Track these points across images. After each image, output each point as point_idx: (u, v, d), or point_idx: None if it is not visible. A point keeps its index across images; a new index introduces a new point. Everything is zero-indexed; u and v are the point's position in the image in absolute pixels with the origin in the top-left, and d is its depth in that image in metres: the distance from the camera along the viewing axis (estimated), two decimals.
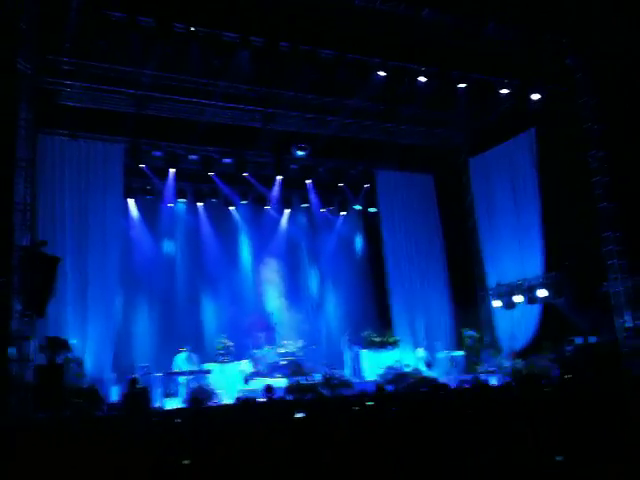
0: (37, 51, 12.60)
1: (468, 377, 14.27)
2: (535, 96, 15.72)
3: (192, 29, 12.91)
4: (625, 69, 13.56)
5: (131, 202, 16.75)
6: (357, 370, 15.94)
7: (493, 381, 14.37)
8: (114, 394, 13.01)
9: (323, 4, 12.64)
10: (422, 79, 15.03)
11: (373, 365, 15.83)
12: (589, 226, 14.75)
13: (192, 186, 17.77)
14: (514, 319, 16.70)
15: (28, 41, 11.95)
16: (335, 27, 13.25)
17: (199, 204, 17.93)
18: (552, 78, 15.60)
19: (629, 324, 13.96)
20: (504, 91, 15.80)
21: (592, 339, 14.36)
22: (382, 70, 14.68)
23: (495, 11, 13.58)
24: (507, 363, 15.42)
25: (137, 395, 11.53)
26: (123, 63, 13.77)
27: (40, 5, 11.66)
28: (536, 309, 16.07)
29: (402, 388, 13.62)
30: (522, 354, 15.62)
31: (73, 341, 12.79)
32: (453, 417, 9.77)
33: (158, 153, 16.56)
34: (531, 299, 15.89)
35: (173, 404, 12.73)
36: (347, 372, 15.76)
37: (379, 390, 10.96)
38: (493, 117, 17.24)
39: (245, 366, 14.86)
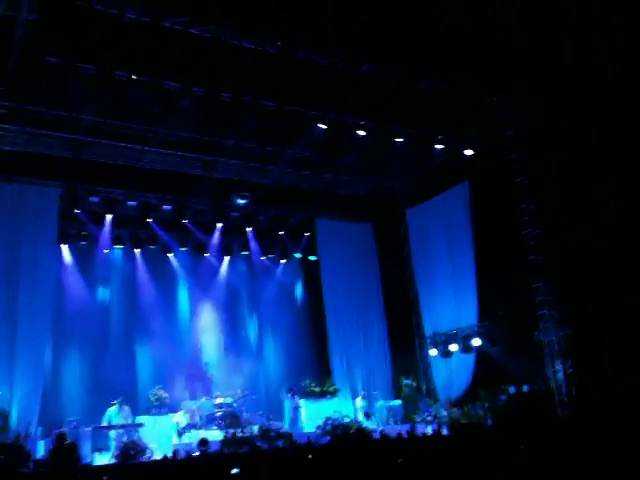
0: None
1: (405, 427, 14.30)
2: (468, 152, 16.26)
3: (133, 77, 12.87)
4: (554, 124, 14.23)
5: (65, 248, 16.37)
6: (295, 421, 15.74)
7: (429, 430, 14.45)
8: (41, 449, 12.43)
9: (265, 57, 12.88)
10: (361, 133, 15.36)
11: (312, 415, 15.68)
12: (521, 277, 15.13)
13: (130, 232, 17.46)
14: (450, 368, 16.89)
15: None
16: (277, 79, 13.49)
17: (136, 250, 17.62)
18: (484, 133, 16.21)
19: (560, 373, 14.29)
20: (439, 146, 16.32)
21: (525, 388, 14.67)
22: (322, 122, 14.94)
23: (430, 68, 14.09)
24: (444, 412, 15.54)
25: (65, 450, 11.01)
26: (61, 107, 13.56)
27: None
28: (471, 358, 16.32)
29: (339, 439, 13.50)
30: (458, 403, 15.79)
31: None
32: (386, 467, 9.81)
33: (95, 198, 16.22)
34: (466, 348, 16.15)
35: (103, 460, 12.24)
36: (286, 423, 15.53)
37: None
38: (429, 169, 17.73)
39: (180, 418, 14.44)
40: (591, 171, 13.57)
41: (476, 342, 15.95)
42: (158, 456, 12.32)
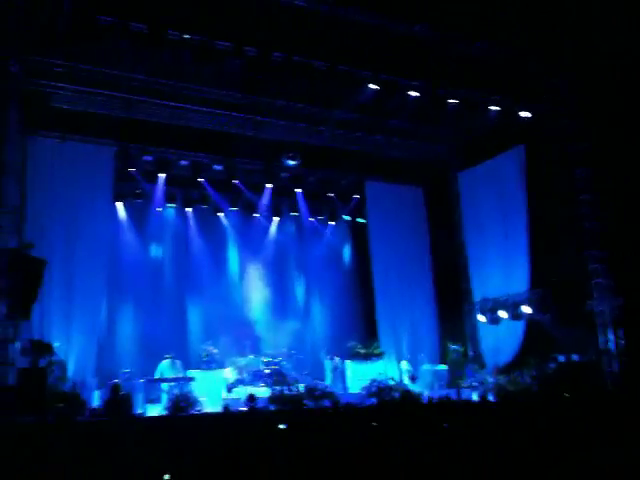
0: (28, 53, 12.56)
1: (451, 392, 14.33)
2: (524, 114, 15.83)
3: (185, 36, 12.90)
4: (611, 87, 13.73)
5: (120, 206, 16.72)
6: (335, 381, 15.95)
7: (475, 397, 14.44)
8: (96, 399, 12.95)
9: (317, 17, 12.72)
10: (413, 93, 15.10)
11: (358, 377, 15.86)
12: (575, 244, 14.85)
13: (182, 191, 17.72)
14: (498, 334, 16.73)
15: (19, 43, 11.88)
16: (328, 39, 13.30)
17: (188, 209, 17.88)
18: (540, 96, 15.74)
19: (611, 344, 14.04)
20: (493, 108, 15.92)
21: (575, 357, 14.47)
22: (373, 83, 14.73)
23: (486, 30, 13.69)
24: (490, 379, 15.48)
25: (119, 401, 11.48)
26: (114, 67, 13.72)
27: (31, 8, 11.60)
28: (520, 325, 16.12)
29: (385, 401, 13.65)
30: (505, 370, 15.68)
31: (57, 344, 12.73)
32: (430, 431, 9.86)
33: (148, 158, 16.54)
34: (515, 315, 15.95)
35: (155, 411, 12.68)
36: (328, 383, 15.75)
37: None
38: (482, 132, 17.30)
39: (229, 374, 14.81)
40: None
41: (526, 309, 15.74)
42: (208, 409, 12.76)
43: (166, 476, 7.28)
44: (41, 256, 12.25)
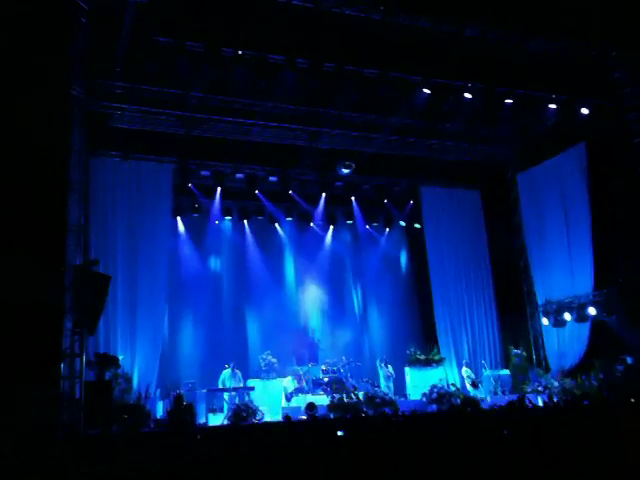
0: (89, 75, 13.04)
1: (514, 397, 14.01)
2: (584, 110, 15.44)
3: (239, 52, 13.17)
4: None
5: (179, 220, 17.13)
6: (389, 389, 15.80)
7: (540, 401, 14.10)
8: (160, 410, 13.29)
9: (366, 24, 12.74)
10: (467, 95, 14.93)
11: (418, 384, 15.75)
12: None
13: (238, 204, 18.04)
14: (563, 337, 16.34)
15: (80, 66, 12.35)
16: (378, 46, 13.32)
17: (245, 221, 18.18)
18: (600, 92, 15.30)
19: None
20: (552, 106, 15.57)
21: None
22: (426, 87, 14.66)
23: (540, 25, 13.41)
24: (556, 383, 15.09)
25: (182, 411, 11.74)
26: (171, 86, 14.08)
27: (92, 31, 12.07)
28: (586, 327, 15.71)
29: (446, 408, 13.50)
30: (571, 373, 15.27)
31: (121, 357, 13.15)
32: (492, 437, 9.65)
33: (205, 172, 17.01)
34: (581, 317, 15.57)
35: (217, 420, 12.91)
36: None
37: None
38: (541, 132, 16.95)
39: (288, 383, 14.94)
40: None
41: (592, 311, 15.33)
42: (268, 418, 12.90)
43: None
44: (105, 272, 12.70)
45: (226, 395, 13.79)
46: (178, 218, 17.06)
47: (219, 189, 17.09)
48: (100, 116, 14.37)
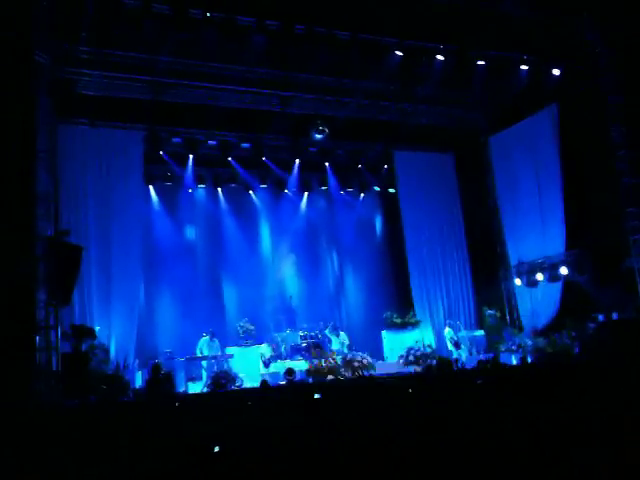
0: (54, 41, 12.67)
1: (489, 356, 14.29)
2: (555, 71, 15.46)
3: (207, 15, 12.87)
4: None
5: (151, 189, 16.90)
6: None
7: (514, 360, 14.39)
8: (138, 379, 13.26)
9: None
10: (440, 58, 14.83)
11: (394, 346, 15.95)
12: (612, 202, 14.54)
13: (211, 171, 17.83)
14: (536, 297, 16.62)
15: (45, 32, 11.97)
16: (350, 7, 13.12)
17: (218, 189, 18.01)
18: (572, 53, 15.30)
19: None
20: (523, 67, 15.55)
21: (615, 316, 14.26)
22: (398, 50, 14.52)
23: None
24: (529, 341, 15.40)
25: (161, 380, 11.73)
26: (139, 50, 13.80)
27: None
28: (558, 286, 15.96)
29: (423, 369, 13.70)
30: (544, 332, 15.58)
31: (97, 328, 13.05)
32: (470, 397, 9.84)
33: (177, 139, 16.68)
34: (553, 276, 15.82)
35: (196, 389, 12.95)
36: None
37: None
38: (513, 94, 16.93)
39: (264, 349, 15.02)
40: None
41: (564, 271, 15.59)
42: (247, 385, 12.97)
43: (216, 448, 7.47)
44: (77, 242, 12.50)
45: (204, 363, 13.84)
46: (150, 187, 16.83)
47: (191, 156, 16.84)
48: (67, 83, 14.02)
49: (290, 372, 13.06)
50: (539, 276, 16.26)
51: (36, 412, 9.31)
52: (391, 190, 19.14)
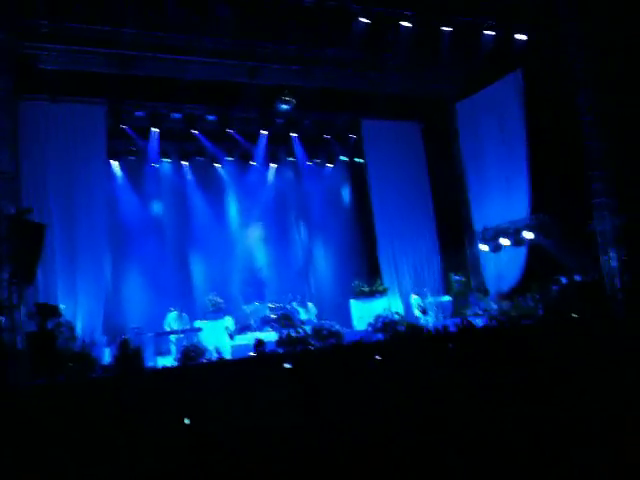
0: (12, 15, 12.35)
1: (456, 320, 14.52)
2: (521, 37, 15.46)
3: None
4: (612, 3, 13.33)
5: (115, 164, 16.70)
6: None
7: (479, 323, 14.64)
8: (106, 356, 13.26)
9: None
10: (406, 24, 14.74)
11: (363, 315, 16.11)
12: (576, 166, 14.68)
13: (176, 145, 17.64)
14: (501, 262, 16.78)
15: (2, 6, 11.70)
16: None
17: (184, 163, 17.86)
18: (538, 18, 15.29)
19: (614, 262, 14.03)
20: (489, 33, 15.53)
21: (577, 278, 14.52)
22: (364, 17, 14.40)
23: None
24: (494, 305, 15.65)
25: (129, 356, 11.76)
26: (101, 23, 13.46)
27: None
28: (523, 251, 16.11)
29: (391, 336, 13.90)
30: (509, 296, 15.83)
31: (62, 306, 13.01)
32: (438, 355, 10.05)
33: (140, 113, 16.44)
34: (517, 241, 15.95)
35: (165, 362, 13.01)
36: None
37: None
38: (479, 61, 16.88)
39: (229, 322, 15.11)
40: None
41: (528, 235, 15.71)
42: (216, 357, 13.06)
43: (186, 420, 7.58)
44: (40, 220, 12.39)
45: (173, 337, 13.88)
46: (114, 162, 16.64)
47: (156, 130, 16.61)
48: (26, 58, 13.68)
49: (260, 343, 13.16)
50: (504, 241, 16.38)
51: (4, 393, 9.36)
52: (359, 160, 19.14)
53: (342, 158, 19.61)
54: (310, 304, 16.73)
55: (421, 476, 5.23)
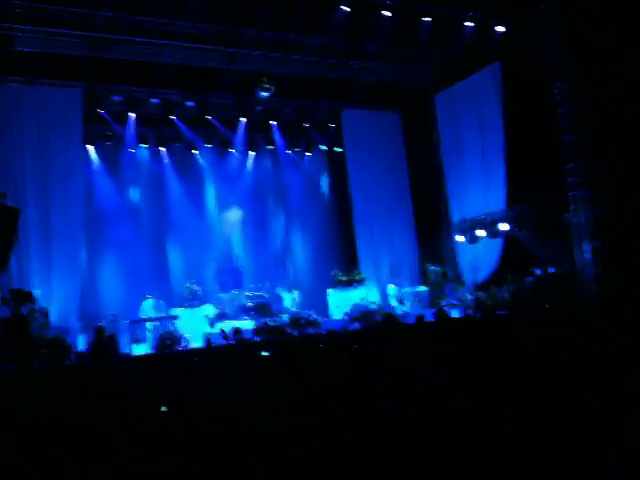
0: None
1: (431, 311, 14.64)
2: (499, 28, 15.53)
3: None
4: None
5: (91, 149, 16.49)
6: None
7: (455, 314, 14.79)
8: (81, 343, 13.14)
9: None
10: (386, 13, 14.71)
11: (340, 304, 16.17)
12: (553, 159, 14.84)
13: (154, 131, 17.46)
14: (477, 253, 16.93)
15: None
16: None
17: (162, 149, 17.66)
18: (517, 10, 15.36)
19: (588, 254, 14.24)
20: (469, 24, 15.56)
21: (551, 269, 14.72)
22: (345, 5, 14.34)
23: None
24: (469, 296, 15.80)
25: (104, 343, 11.67)
26: (78, 5, 13.26)
27: None
28: (498, 243, 16.26)
29: (369, 325, 13.97)
30: (484, 286, 16.00)
31: (37, 292, 12.84)
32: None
33: (117, 97, 16.21)
34: (493, 233, 16.09)
35: (141, 351, 12.93)
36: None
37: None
38: (458, 52, 16.95)
39: (209, 310, 15.06)
40: (630, 46, 12.88)
41: (504, 227, 15.84)
42: (193, 345, 13.04)
43: (163, 407, 7.54)
44: (14, 205, 12.19)
45: (149, 325, 13.78)
46: (91, 147, 16.43)
47: (133, 115, 16.44)
48: (0, 39, 13.43)
49: (237, 332, 13.15)
50: (480, 232, 16.50)
51: None
52: (338, 149, 19.13)
53: (321, 147, 19.59)
54: (295, 292, 16.73)
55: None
